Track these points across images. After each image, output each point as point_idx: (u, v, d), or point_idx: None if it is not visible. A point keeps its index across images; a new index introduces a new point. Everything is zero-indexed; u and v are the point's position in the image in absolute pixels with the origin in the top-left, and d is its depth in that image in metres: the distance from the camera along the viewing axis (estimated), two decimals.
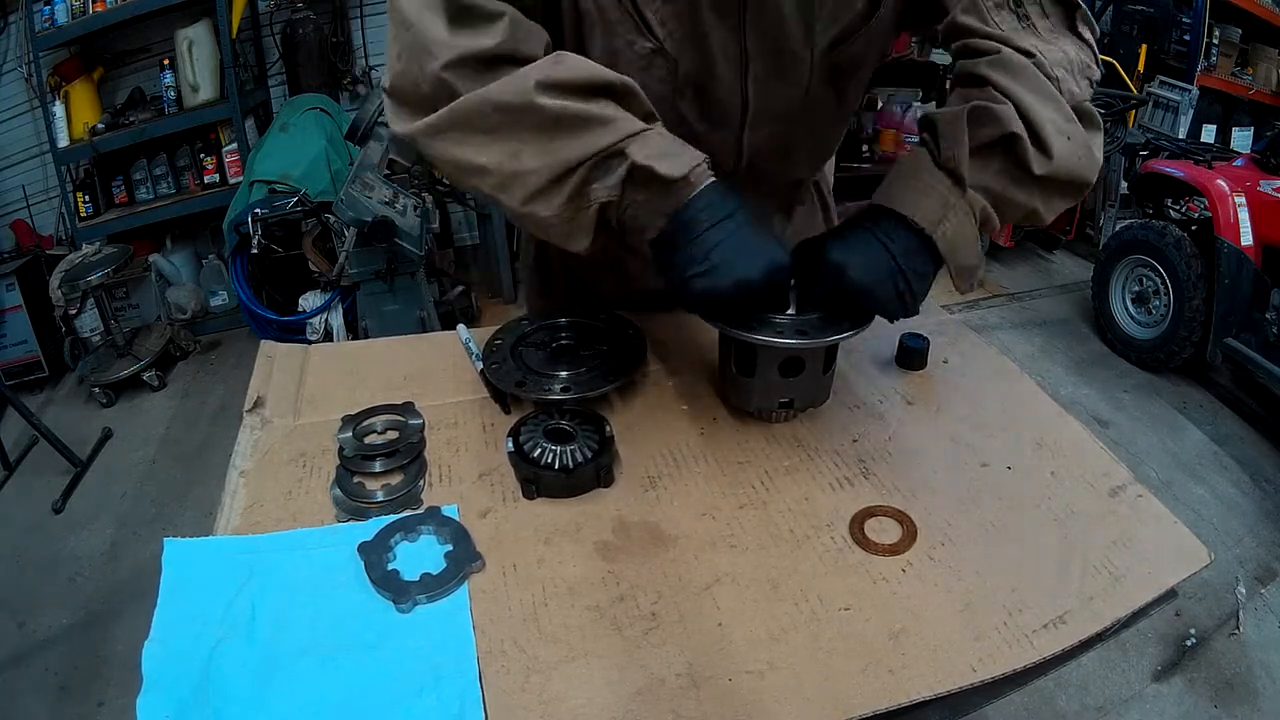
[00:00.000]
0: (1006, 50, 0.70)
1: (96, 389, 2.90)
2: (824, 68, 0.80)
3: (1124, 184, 3.52)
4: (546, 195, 0.65)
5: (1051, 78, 0.69)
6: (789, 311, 0.76)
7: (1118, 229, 3.24)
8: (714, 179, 0.68)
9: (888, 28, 0.81)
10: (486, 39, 0.64)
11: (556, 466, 0.73)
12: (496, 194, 0.66)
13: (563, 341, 0.91)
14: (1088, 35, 0.75)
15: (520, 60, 0.65)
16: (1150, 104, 4.03)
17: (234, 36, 3.12)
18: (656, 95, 0.75)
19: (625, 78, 0.67)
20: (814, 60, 0.79)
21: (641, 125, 0.66)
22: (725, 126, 0.82)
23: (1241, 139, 4.01)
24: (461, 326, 0.99)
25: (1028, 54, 0.70)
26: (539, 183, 0.64)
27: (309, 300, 2.74)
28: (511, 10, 0.66)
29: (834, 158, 1.08)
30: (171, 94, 3.20)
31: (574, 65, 0.65)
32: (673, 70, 0.77)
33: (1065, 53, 0.72)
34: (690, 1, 0.73)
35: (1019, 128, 0.67)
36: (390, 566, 0.65)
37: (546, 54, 0.67)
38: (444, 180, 2.71)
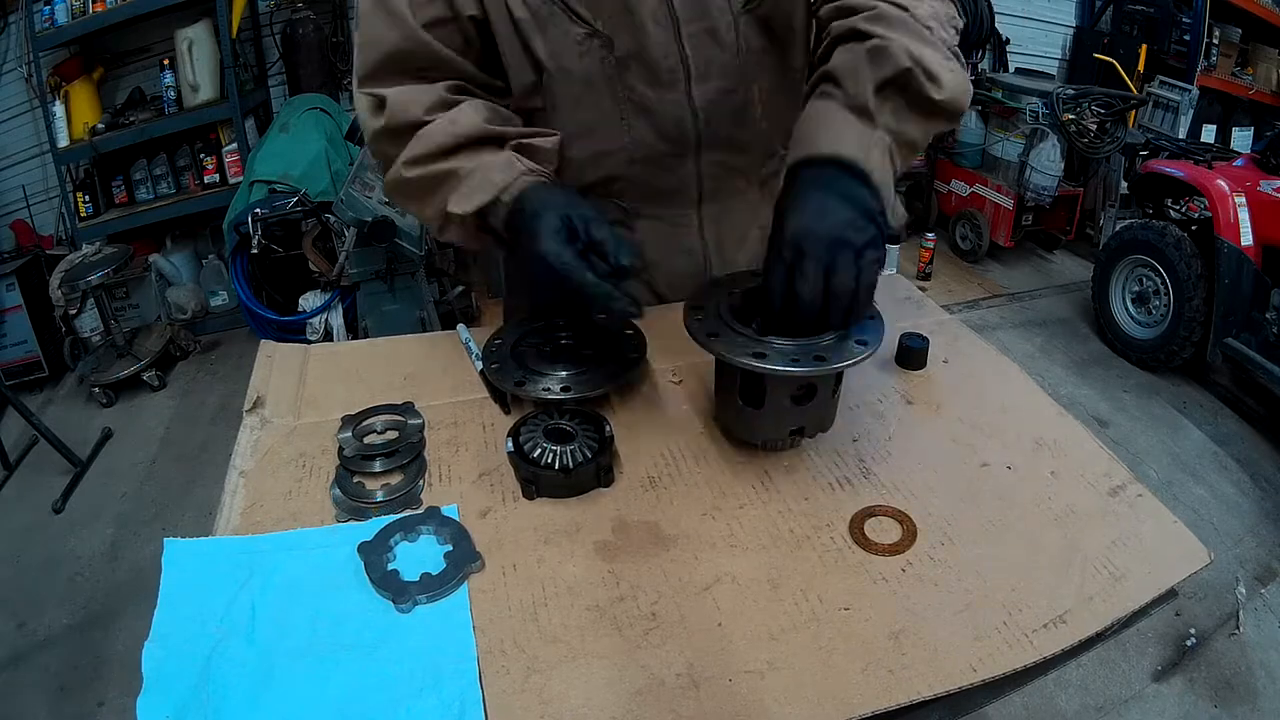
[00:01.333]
0: (883, 5, 0.75)
1: (96, 389, 2.90)
2: (751, 24, 0.87)
3: (1124, 184, 3.53)
4: (447, 231, 0.85)
5: (926, 27, 0.74)
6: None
7: (1118, 229, 3.25)
8: (526, 187, 0.79)
9: None
10: (380, 120, 0.84)
11: (556, 466, 0.72)
12: (434, 234, 0.93)
13: (563, 341, 0.91)
14: None
15: (404, 128, 0.82)
16: (1150, 104, 4.03)
17: (234, 36, 3.12)
18: (601, 76, 0.86)
19: (475, 128, 0.82)
20: (735, 16, 0.85)
21: (470, 168, 0.81)
22: (673, 88, 0.87)
23: (1241, 139, 4.02)
24: (461, 326, 0.99)
25: (901, 8, 0.74)
26: (437, 226, 0.85)
27: (309, 300, 2.74)
28: (390, 91, 0.82)
29: None
30: (171, 94, 3.20)
31: (425, 138, 0.81)
32: (609, 48, 0.84)
33: (932, 6, 0.77)
34: None
35: (912, 63, 0.71)
36: (390, 566, 0.65)
37: (420, 115, 0.82)
38: None
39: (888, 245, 0.70)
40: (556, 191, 0.80)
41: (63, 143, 3.10)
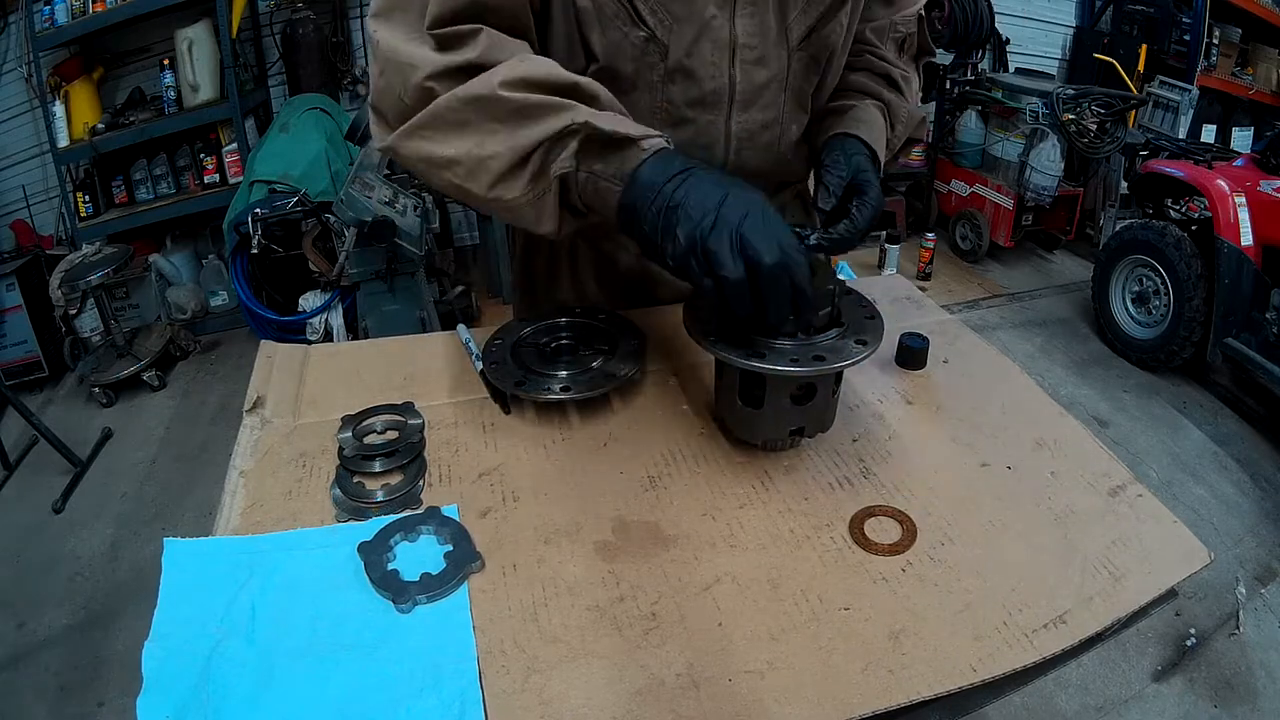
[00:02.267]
0: (910, 73, 0.97)
1: (96, 389, 2.90)
2: (802, 60, 0.87)
3: (1124, 184, 3.53)
4: (510, 178, 0.69)
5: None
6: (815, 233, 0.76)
7: (1118, 229, 3.25)
8: (664, 146, 0.69)
9: (853, 21, 0.89)
10: (467, 53, 0.69)
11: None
12: (465, 183, 0.70)
13: (563, 341, 0.91)
14: (920, 70, 1.01)
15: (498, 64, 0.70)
16: (1150, 104, 4.03)
17: (234, 36, 3.12)
18: (647, 83, 0.83)
19: (591, 81, 0.72)
20: (790, 46, 0.85)
21: (596, 109, 0.69)
22: (714, 110, 0.85)
23: (1241, 139, 4.02)
24: (461, 326, 0.99)
25: (905, 72, 0.96)
26: (502, 166, 0.68)
27: (309, 300, 2.74)
28: (487, 29, 0.70)
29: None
30: (171, 94, 3.20)
31: (537, 64, 0.70)
32: (663, 56, 0.82)
33: (915, 83, 0.99)
34: None
35: (922, 135, 1.00)
36: (390, 566, 0.65)
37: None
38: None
39: (888, 245, 0.86)
40: (711, 170, 0.68)
41: (63, 143, 3.10)
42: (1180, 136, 3.77)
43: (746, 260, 0.62)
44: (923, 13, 0.96)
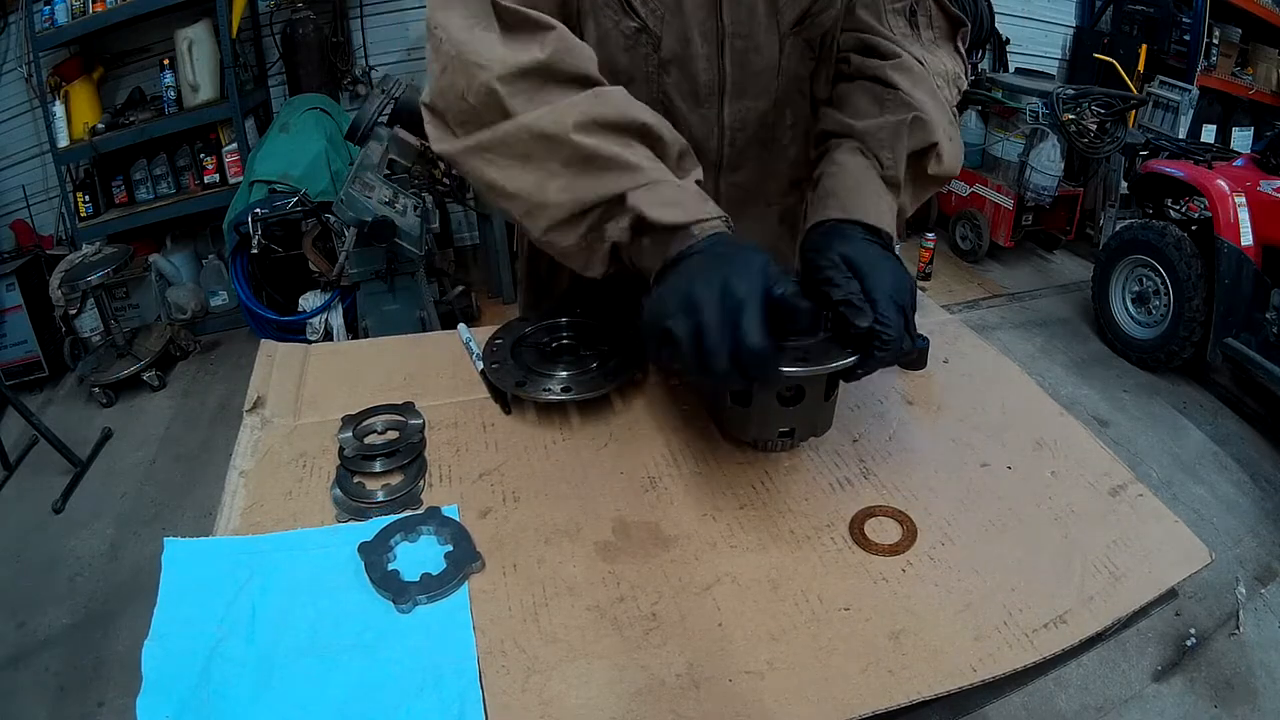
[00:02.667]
0: (906, 56, 0.78)
1: (96, 389, 2.90)
2: (795, 44, 0.83)
3: (1124, 184, 3.53)
4: (565, 228, 0.69)
5: (938, 86, 0.79)
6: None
7: (1118, 229, 3.25)
8: (719, 231, 0.66)
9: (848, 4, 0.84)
10: (537, 50, 0.66)
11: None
12: (523, 220, 0.70)
13: (563, 341, 0.91)
14: (962, 48, 0.86)
15: (567, 76, 0.68)
16: (1150, 104, 4.03)
17: (234, 36, 3.12)
18: (642, 74, 0.82)
19: (658, 119, 0.70)
20: (782, 34, 0.82)
21: (658, 175, 0.67)
22: (706, 103, 0.84)
23: (1241, 139, 4.02)
24: (462, 326, 0.99)
25: (919, 62, 0.79)
26: (560, 215, 0.68)
27: (309, 300, 2.74)
28: (560, 26, 0.68)
29: None
30: (171, 94, 3.20)
31: (614, 102, 0.68)
32: (655, 48, 0.80)
33: (944, 64, 0.82)
34: None
35: (939, 137, 0.76)
36: (390, 567, 0.65)
37: (592, 70, 0.69)
38: (444, 180, 2.71)
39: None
40: (754, 252, 0.63)
41: (63, 143, 3.10)
42: (1180, 136, 3.77)
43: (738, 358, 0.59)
44: None
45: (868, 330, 0.65)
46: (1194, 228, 2.93)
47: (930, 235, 3.69)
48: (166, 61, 3.17)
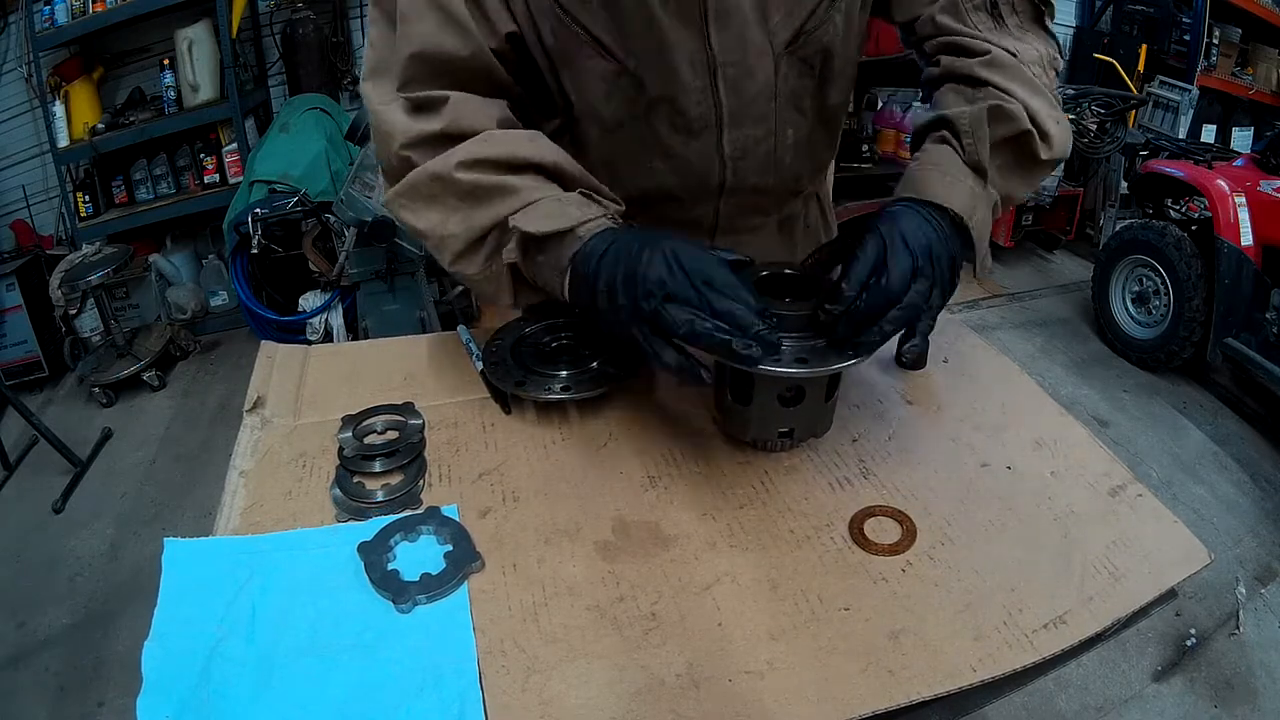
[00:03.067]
0: (996, 50, 0.77)
1: (96, 389, 2.90)
2: (792, 65, 0.81)
3: (1124, 184, 3.53)
4: (467, 257, 0.74)
5: (1034, 75, 0.77)
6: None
7: (1118, 229, 3.25)
8: (606, 227, 0.69)
9: (853, 19, 0.82)
10: (435, 122, 0.73)
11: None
12: (435, 253, 0.77)
13: (563, 341, 0.91)
14: (1051, 28, 0.83)
15: (466, 135, 0.73)
16: (1150, 104, 4.03)
17: (234, 36, 3.12)
18: (628, 116, 0.81)
19: (554, 157, 0.74)
20: (776, 55, 0.79)
21: (541, 195, 0.71)
22: (702, 135, 0.82)
23: (1241, 139, 4.01)
24: (462, 327, 0.99)
25: (1010, 54, 0.77)
26: (459, 245, 0.73)
27: (309, 300, 2.74)
28: (455, 94, 0.73)
29: (833, 165, 1.06)
30: (171, 94, 3.20)
31: (498, 142, 0.72)
32: (639, 89, 0.78)
33: (1036, 50, 0.79)
34: (645, 17, 0.73)
35: (1029, 124, 0.74)
36: (390, 566, 0.65)
37: (490, 125, 0.74)
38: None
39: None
40: (651, 232, 0.68)
41: (63, 143, 3.10)
42: (1180, 136, 3.76)
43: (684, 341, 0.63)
44: None
45: (844, 311, 0.66)
46: (1194, 228, 2.93)
47: None
48: (166, 61, 3.17)
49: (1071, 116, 3.35)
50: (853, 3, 0.80)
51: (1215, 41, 4.04)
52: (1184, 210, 3.08)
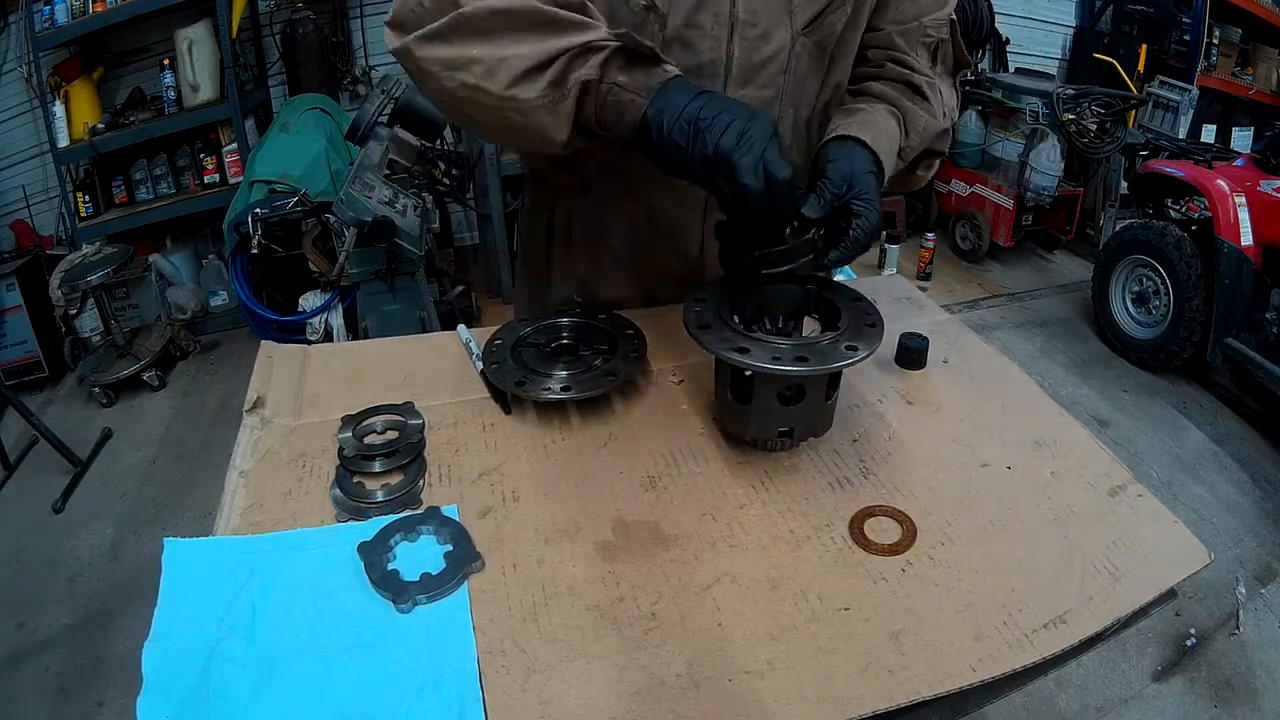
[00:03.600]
0: (936, 81, 0.91)
1: (96, 389, 2.90)
2: (806, 46, 0.87)
3: (1124, 184, 3.53)
4: (530, 78, 0.70)
5: (944, 111, 0.92)
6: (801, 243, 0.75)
7: (1118, 229, 3.25)
8: (683, 75, 0.72)
9: (860, 12, 0.88)
10: None
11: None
12: (482, 80, 0.71)
13: (563, 341, 0.91)
14: (958, 86, 0.97)
15: None
16: (1150, 104, 4.03)
17: (234, 36, 3.12)
18: None
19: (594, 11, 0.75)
20: (795, 29, 0.85)
21: (611, 33, 0.72)
22: (710, 84, 0.85)
23: (1241, 139, 4.02)
24: (462, 327, 0.99)
25: (932, 79, 0.91)
26: (523, 66, 0.69)
27: (309, 300, 2.74)
28: None
29: None
30: (171, 94, 3.20)
31: None
32: (662, 26, 0.83)
33: (949, 96, 0.94)
34: None
35: (946, 152, 0.94)
36: (390, 567, 0.65)
37: None
38: (444, 180, 2.71)
39: (888, 245, 0.84)
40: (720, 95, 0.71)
41: (63, 143, 3.10)
42: (1180, 136, 3.76)
43: (766, 176, 0.67)
44: (954, 17, 0.93)
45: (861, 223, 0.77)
46: (1194, 228, 2.93)
47: (930, 235, 3.69)
48: (166, 61, 3.17)
49: (1071, 116, 3.35)
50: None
51: (1215, 41, 4.04)
52: (1184, 210, 3.08)
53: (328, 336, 2.70)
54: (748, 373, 0.72)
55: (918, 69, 0.90)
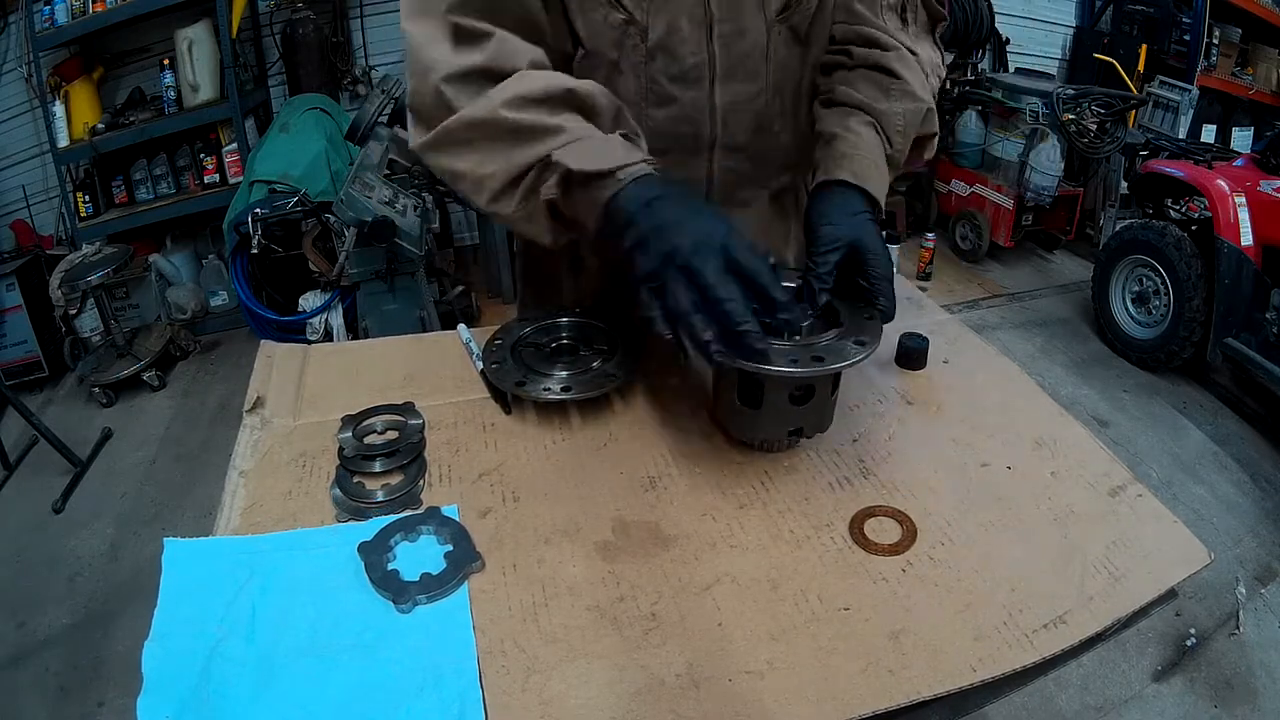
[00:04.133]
0: (903, 49, 0.86)
1: (96, 389, 2.90)
2: (783, 33, 0.87)
3: (1124, 184, 3.53)
4: (505, 196, 0.74)
5: (926, 75, 0.88)
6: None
7: (1118, 229, 3.25)
8: (646, 174, 0.70)
9: None
10: (477, 55, 0.74)
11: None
12: (471, 195, 0.76)
13: (563, 341, 0.91)
14: (939, 41, 0.94)
15: (504, 74, 0.74)
16: (1150, 104, 4.03)
17: (234, 36, 3.12)
18: (630, 64, 0.85)
19: (586, 85, 0.75)
20: (769, 22, 0.85)
21: (583, 134, 0.72)
22: (696, 86, 0.86)
23: (1241, 139, 4.02)
24: (462, 326, 0.99)
25: (913, 54, 0.87)
26: (498, 185, 0.74)
27: (309, 300, 2.74)
28: (500, 31, 0.75)
29: None
30: (171, 94, 3.20)
31: (535, 79, 0.74)
32: (643, 37, 0.84)
33: (930, 55, 0.90)
34: None
35: (936, 130, 0.89)
36: (390, 566, 0.65)
37: (527, 66, 0.75)
38: (443, 180, 2.71)
39: (888, 245, 0.82)
40: (687, 195, 0.70)
41: (63, 143, 3.10)
42: (1180, 136, 3.76)
43: (734, 275, 0.64)
44: None
45: (883, 315, 0.76)
46: (1194, 228, 2.93)
47: (930, 235, 3.69)
48: (166, 61, 3.17)
49: (1071, 116, 3.35)
50: None
51: (1215, 41, 4.04)
52: (1184, 210, 3.08)
53: (328, 336, 2.70)
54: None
55: (886, 43, 0.86)
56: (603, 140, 0.73)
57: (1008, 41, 4.16)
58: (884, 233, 0.81)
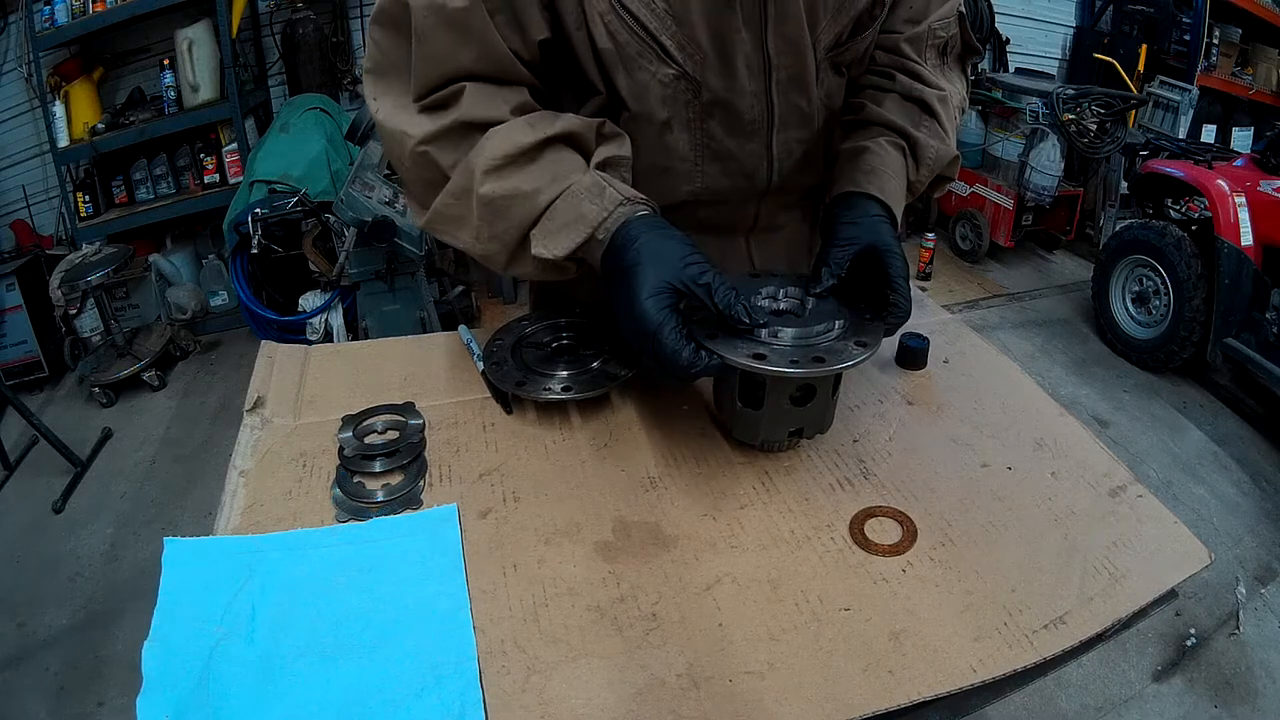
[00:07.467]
0: (946, 89, 0.87)
1: (96, 389, 2.90)
2: (828, 69, 0.84)
3: (1124, 184, 3.53)
4: (516, 262, 0.75)
5: (956, 117, 0.89)
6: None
7: (1118, 229, 3.25)
8: (623, 221, 0.71)
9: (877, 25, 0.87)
10: (448, 117, 0.72)
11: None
12: (489, 267, 0.78)
13: (563, 341, 0.91)
14: (968, 73, 0.95)
15: (481, 125, 0.72)
16: (1150, 104, 4.03)
17: (234, 36, 3.12)
18: (684, 121, 0.81)
19: (561, 125, 0.73)
20: (818, 61, 0.82)
21: (554, 192, 0.71)
22: (754, 138, 0.83)
23: (1241, 139, 4.02)
24: (463, 327, 0.99)
25: (943, 92, 0.87)
26: (504, 258, 0.75)
27: (309, 300, 2.74)
28: (470, 85, 0.73)
29: None
30: (171, 94, 3.20)
31: (514, 132, 0.72)
32: (697, 93, 0.79)
33: (959, 92, 0.90)
34: (711, 21, 0.74)
35: (954, 176, 0.90)
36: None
37: (506, 114, 0.73)
38: None
39: None
40: (661, 234, 0.70)
41: (63, 143, 3.10)
42: (1180, 136, 3.77)
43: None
44: (963, 9, 0.89)
45: (899, 312, 0.75)
46: (1194, 228, 2.93)
47: (930, 235, 3.69)
48: (166, 61, 3.17)
49: (1071, 116, 3.35)
50: (882, 12, 0.84)
51: (1215, 41, 4.04)
52: (1184, 210, 3.08)
53: (328, 336, 2.70)
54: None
55: (928, 80, 0.86)
56: (572, 195, 0.71)
57: (1008, 41, 4.16)
58: None
